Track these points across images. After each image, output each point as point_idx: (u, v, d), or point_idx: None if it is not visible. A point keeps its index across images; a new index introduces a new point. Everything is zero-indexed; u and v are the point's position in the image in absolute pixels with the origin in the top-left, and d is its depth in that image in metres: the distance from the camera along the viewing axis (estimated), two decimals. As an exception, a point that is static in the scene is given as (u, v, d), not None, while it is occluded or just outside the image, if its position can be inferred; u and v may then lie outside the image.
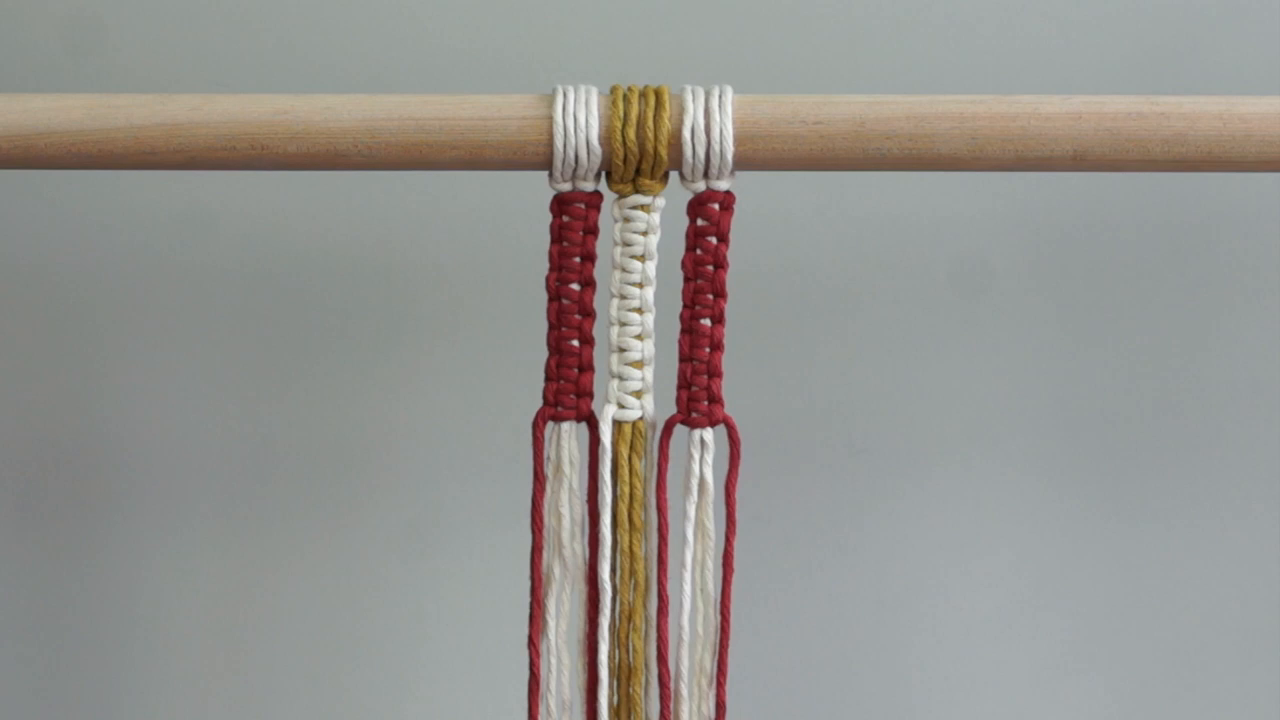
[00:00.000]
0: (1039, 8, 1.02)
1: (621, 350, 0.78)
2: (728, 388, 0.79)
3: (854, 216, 1.04)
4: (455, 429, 1.05)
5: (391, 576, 1.06)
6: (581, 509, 0.79)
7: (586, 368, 0.78)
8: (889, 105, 0.76)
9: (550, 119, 0.76)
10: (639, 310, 0.78)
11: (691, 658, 0.79)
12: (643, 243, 0.78)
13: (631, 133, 0.76)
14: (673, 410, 0.78)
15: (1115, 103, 0.77)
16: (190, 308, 1.04)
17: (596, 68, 0.98)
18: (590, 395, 0.78)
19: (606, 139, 0.76)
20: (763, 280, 1.03)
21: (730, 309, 0.78)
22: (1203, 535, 1.06)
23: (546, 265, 0.78)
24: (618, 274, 0.78)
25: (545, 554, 0.79)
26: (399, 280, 1.04)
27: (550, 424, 0.78)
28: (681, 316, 0.78)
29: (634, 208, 0.77)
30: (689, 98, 0.77)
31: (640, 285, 0.78)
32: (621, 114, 0.76)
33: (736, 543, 0.78)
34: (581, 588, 0.79)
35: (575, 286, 0.78)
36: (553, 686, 0.79)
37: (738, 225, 0.79)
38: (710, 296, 0.78)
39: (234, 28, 1.02)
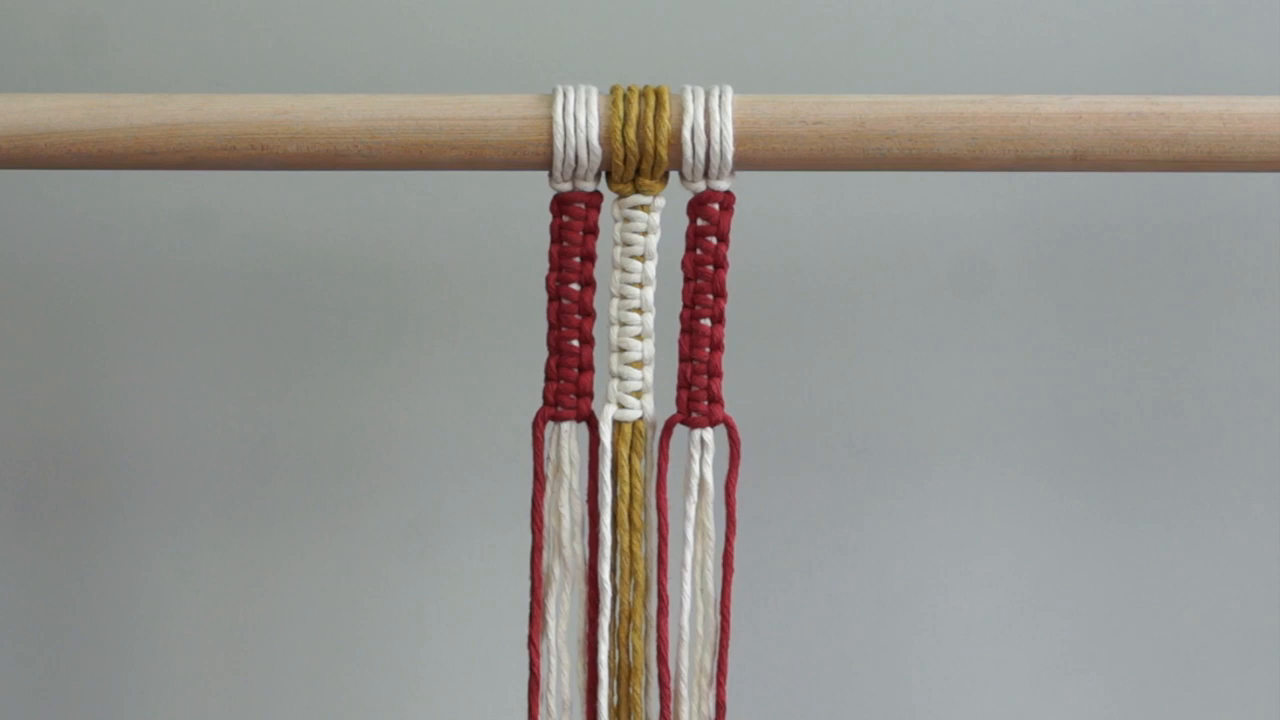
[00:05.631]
0: (1039, 8, 1.02)
1: (621, 350, 0.78)
2: (728, 388, 0.79)
3: (854, 216, 1.04)
4: (455, 429, 1.05)
5: (391, 576, 1.06)
6: (581, 509, 0.79)
7: (586, 368, 0.78)
8: (889, 105, 0.76)
9: (550, 119, 0.76)
10: (639, 310, 0.78)
11: (691, 658, 0.79)
12: (643, 243, 0.78)
13: (631, 133, 0.76)
14: (673, 410, 0.78)
15: (1115, 103, 0.77)
16: (190, 308, 1.04)
17: (596, 68, 0.98)
18: (590, 395, 0.78)
19: (606, 139, 0.76)
20: (763, 280, 1.03)
21: (730, 309, 0.78)
22: (1203, 535, 1.06)
23: (546, 265, 0.78)
24: (618, 274, 0.78)
25: (545, 554, 0.79)
26: (399, 280, 1.04)
27: (550, 424, 0.78)
28: (681, 316, 0.78)
29: (634, 208, 0.77)
30: (689, 98, 0.77)
31: (640, 285, 0.78)
32: (621, 114, 0.76)
33: (736, 543, 0.78)
34: (581, 588, 0.79)
35: (575, 286, 0.78)
36: (553, 686, 0.79)
37: (738, 225, 0.79)
38: (710, 296, 0.78)
39: (234, 28, 1.02)
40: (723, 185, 0.77)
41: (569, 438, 0.78)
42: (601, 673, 0.78)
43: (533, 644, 0.78)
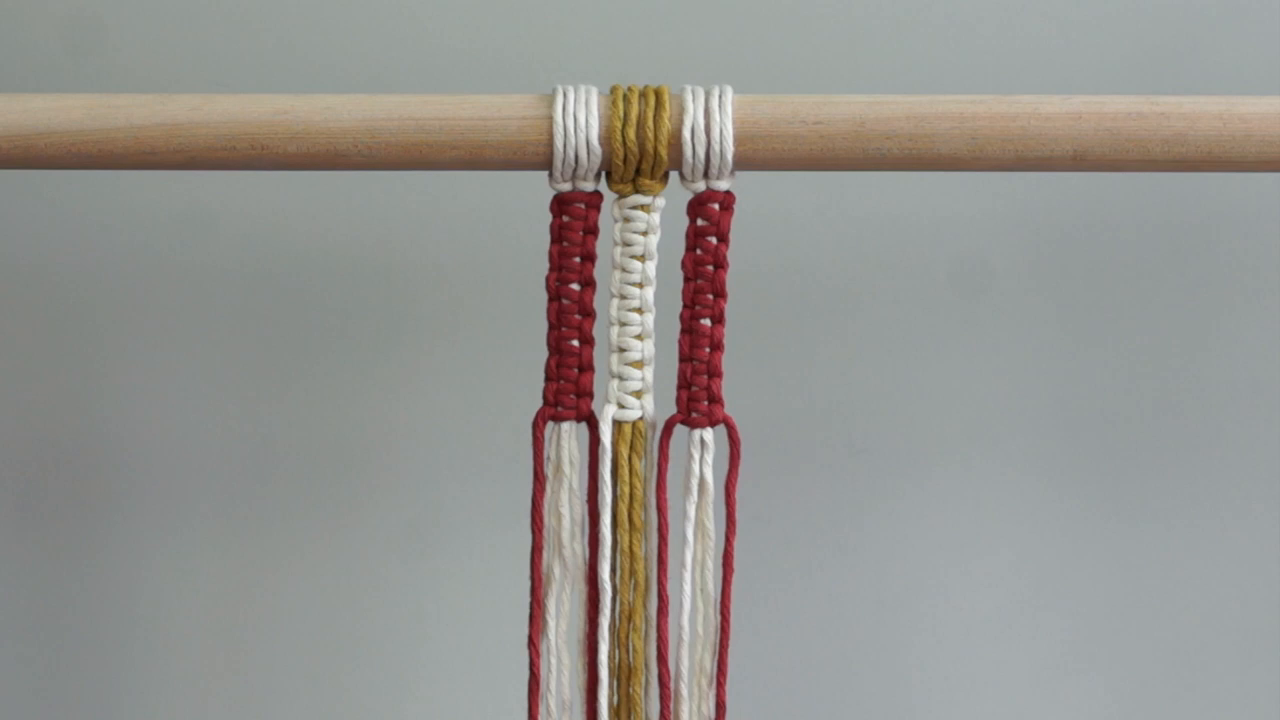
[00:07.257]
0: (1039, 8, 1.02)
1: (621, 350, 0.78)
2: (728, 388, 0.79)
3: (854, 216, 1.04)
4: (455, 429, 1.05)
5: (391, 576, 1.06)
6: (581, 509, 0.79)
7: (586, 368, 0.78)
8: (889, 105, 0.76)
9: (550, 119, 0.76)
10: (639, 310, 0.78)
11: (691, 658, 0.79)
12: (643, 243, 0.78)
13: (631, 133, 0.76)
14: (673, 410, 0.78)
15: (1115, 103, 0.77)
16: (190, 308, 1.04)
17: (596, 68, 0.98)
18: (590, 395, 0.78)
19: (606, 139, 0.76)
20: (763, 280, 1.03)
21: (730, 309, 0.78)
22: (1203, 535, 1.06)
23: (546, 265, 0.78)
24: (618, 274, 0.78)
25: (545, 554, 0.79)
26: (399, 280, 1.04)
27: (550, 424, 0.78)
28: (681, 316, 0.78)
29: (634, 208, 0.77)
30: (689, 98, 0.77)
31: (640, 285, 0.78)
32: (621, 114, 0.76)
33: (736, 543, 0.78)
34: (581, 588, 0.79)
35: (575, 286, 0.78)
36: (553, 686, 0.79)
37: (738, 225, 0.79)
38: (710, 296, 0.78)
39: (234, 28, 1.02)
40: (723, 185, 0.77)
41: (569, 438, 0.78)
42: (601, 673, 0.78)
43: (533, 644, 0.78)
